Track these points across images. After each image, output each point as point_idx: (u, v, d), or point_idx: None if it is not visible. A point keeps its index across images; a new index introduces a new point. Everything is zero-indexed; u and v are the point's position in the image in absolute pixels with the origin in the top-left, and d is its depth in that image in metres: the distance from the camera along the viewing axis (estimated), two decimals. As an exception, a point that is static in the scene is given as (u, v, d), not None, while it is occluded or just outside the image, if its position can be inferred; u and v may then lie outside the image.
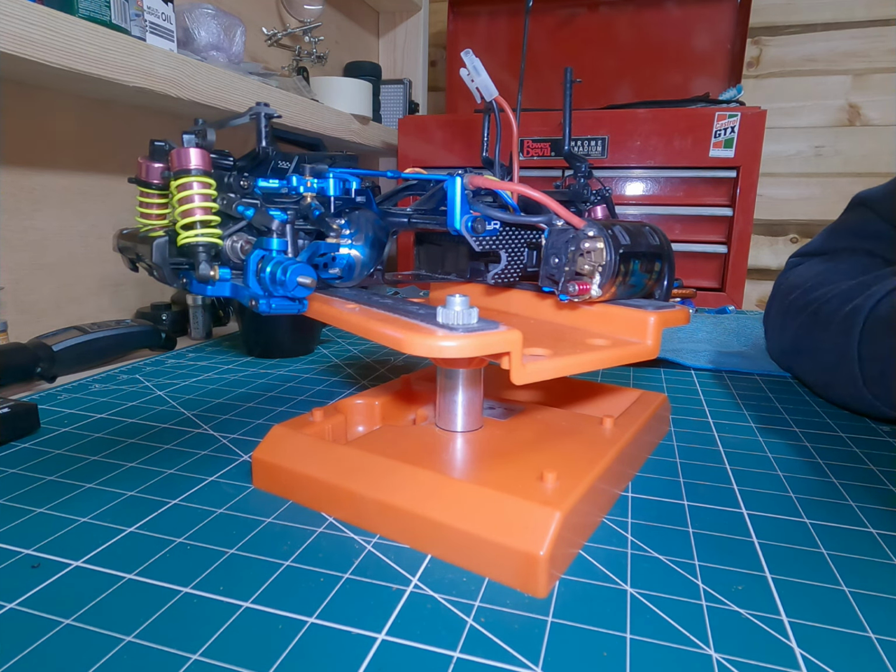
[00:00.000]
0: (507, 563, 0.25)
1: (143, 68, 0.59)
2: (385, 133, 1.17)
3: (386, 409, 0.39)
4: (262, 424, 0.43)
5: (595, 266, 0.30)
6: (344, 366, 0.60)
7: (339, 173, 0.35)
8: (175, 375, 0.55)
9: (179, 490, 0.33)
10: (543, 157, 0.98)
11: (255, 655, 0.21)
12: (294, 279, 0.28)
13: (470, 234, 0.31)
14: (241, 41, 0.78)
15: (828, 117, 1.29)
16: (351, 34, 1.30)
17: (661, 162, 0.94)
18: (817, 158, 1.31)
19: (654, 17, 1.22)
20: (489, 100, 0.38)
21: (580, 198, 0.42)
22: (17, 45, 0.47)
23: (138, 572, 0.25)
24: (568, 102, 0.43)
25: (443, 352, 0.24)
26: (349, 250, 0.37)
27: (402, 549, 0.28)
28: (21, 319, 0.62)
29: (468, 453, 0.32)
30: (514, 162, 0.36)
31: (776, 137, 1.30)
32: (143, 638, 0.21)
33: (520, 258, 0.35)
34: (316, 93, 0.98)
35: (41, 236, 0.65)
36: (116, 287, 0.74)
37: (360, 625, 0.22)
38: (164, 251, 0.30)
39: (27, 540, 0.28)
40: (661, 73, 1.22)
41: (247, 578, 0.25)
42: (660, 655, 0.21)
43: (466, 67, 0.37)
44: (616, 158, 0.96)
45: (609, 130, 0.95)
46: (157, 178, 0.33)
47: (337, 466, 0.30)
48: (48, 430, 0.41)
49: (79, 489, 0.33)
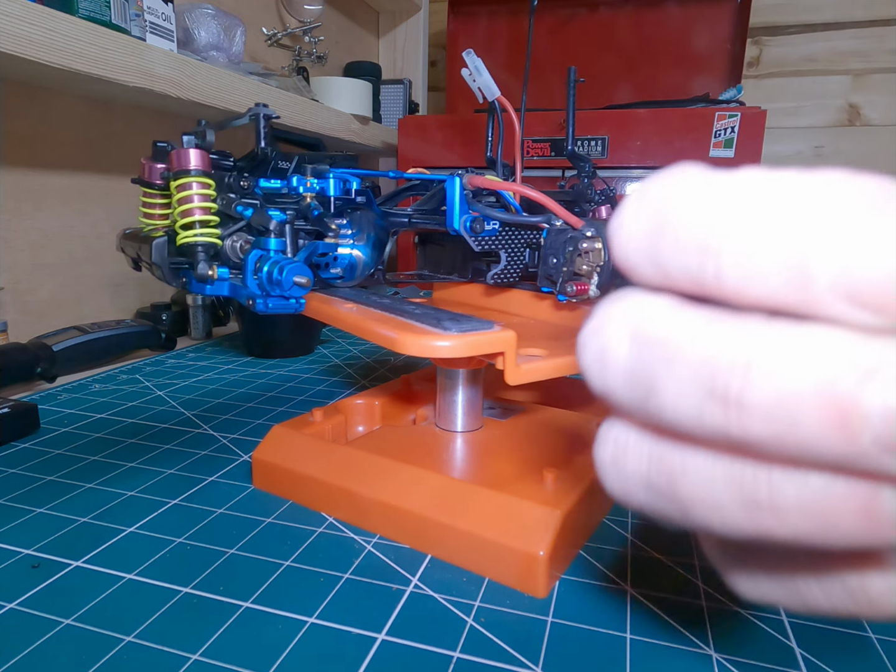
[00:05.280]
0: (507, 563, 0.25)
1: (143, 68, 0.59)
2: (385, 133, 1.17)
3: (386, 409, 0.39)
4: (262, 424, 0.43)
5: (593, 266, 0.30)
6: (344, 366, 0.60)
7: (340, 173, 0.35)
8: (175, 375, 0.55)
9: (179, 490, 0.33)
10: (544, 157, 0.98)
11: (255, 655, 0.21)
12: (290, 279, 0.28)
13: (469, 234, 0.31)
14: (241, 41, 0.78)
15: (828, 117, 1.29)
16: (351, 34, 1.30)
17: (662, 162, 0.94)
18: (817, 158, 1.31)
19: (654, 17, 1.22)
20: (491, 100, 0.38)
21: (584, 198, 0.42)
22: (17, 45, 0.47)
23: (138, 572, 0.25)
24: (571, 102, 0.43)
25: (436, 351, 0.24)
26: (351, 250, 0.37)
27: (402, 549, 0.28)
28: (21, 319, 0.62)
29: (468, 453, 0.32)
30: (518, 162, 0.36)
31: (776, 137, 1.30)
32: (143, 638, 0.21)
33: (520, 258, 0.35)
34: (316, 93, 0.98)
35: (41, 236, 0.65)
36: (116, 287, 0.74)
37: (360, 625, 0.22)
38: (164, 251, 0.30)
39: (27, 540, 0.28)
40: (661, 73, 1.22)
41: (247, 578, 0.25)
42: (660, 655, 0.21)
43: (468, 67, 0.37)
44: (616, 158, 0.95)
45: (609, 130, 0.95)
46: (160, 178, 0.33)
47: (337, 466, 0.30)
48: (48, 430, 0.41)
49: (79, 489, 0.33)
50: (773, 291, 0.10)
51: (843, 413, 0.10)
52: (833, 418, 0.10)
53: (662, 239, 0.11)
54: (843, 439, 0.10)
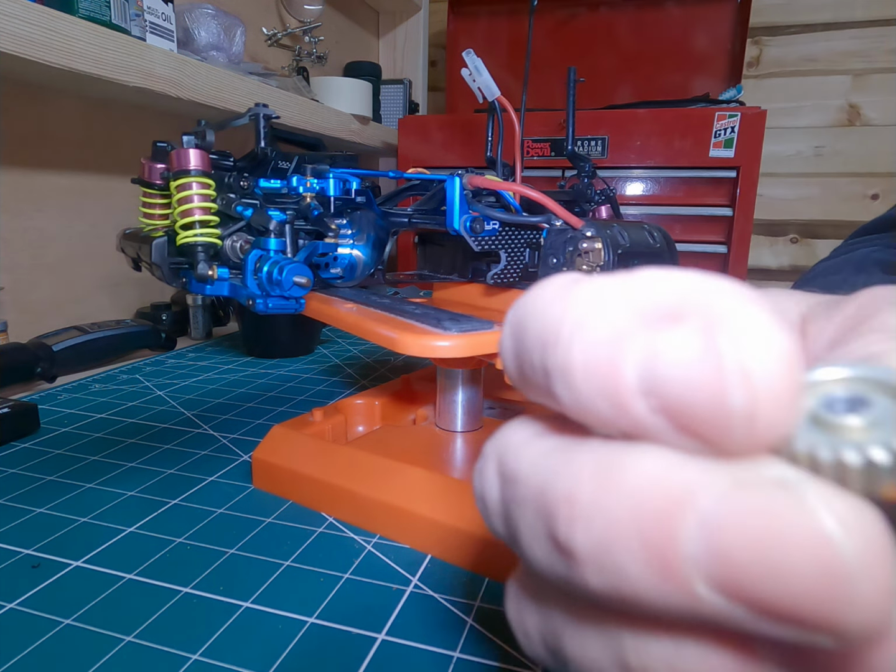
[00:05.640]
0: (507, 563, 0.25)
1: (143, 68, 0.59)
2: (385, 133, 1.17)
3: (386, 409, 0.39)
4: (262, 424, 0.43)
5: (593, 266, 0.30)
6: (344, 366, 0.60)
7: (340, 173, 0.35)
8: (175, 375, 0.55)
9: (179, 490, 0.33)
10: (543, 157, 0.98)
11: (255, 655, 0.21)
12: (290, 279, 0.28)
13: (468, 234, 0.31)
14: (241, 41, 0.78)
15: (828, 117, 1.29)
16: (351, 34, 1.30)
17: (661, 162, 0.94)
18: (817, 158, 1.31)
19: (654, 17, 1.22)
20: (491, 99, 0.38)
21: (584, 198, 0.42)
22: (17, 45, 0.47)
23: (138, 572, 0.25)
24: (571, 102, 0.43)
25: (436, 351, 0.24)
26: (351, 250, 0.37)
27: (402, 549, 0.28)
28: (21, 319, 0.62)
29: (468, 453, 0.32)
30: (518, 162, 0.36)
31: (776, 137, 1.30)
32: (143, 638, 0.21)
33: (520, 258, 0.35)
34: (316, 93, 0.98)
35: (41, 236, 0.65)
36: (116, 287, 0.74)
37: (360, 625, 0.22)
38: (164, 251, 0.30)
39: (27, 540, 0.28)
40: (661, 73, 1.22)
41: (247, 578, 0.25)
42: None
43: (468, 67, 0.37)
44: (616, 158, 0.95)
45: (609, 130, 0.95)
46: (160, 178, 0.33)
47: (337, 466, 0.30)
48: (48, 430, 0.41)
49: (79, 489, 0.33)
50: (603, 420, 0.09)
51: (662, 554, 0.08)
52: (655, 562, 0.08)
53: (521, 357, 0.10)
54: (673, 587, 0.08)
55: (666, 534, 0.08)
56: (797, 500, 0.07)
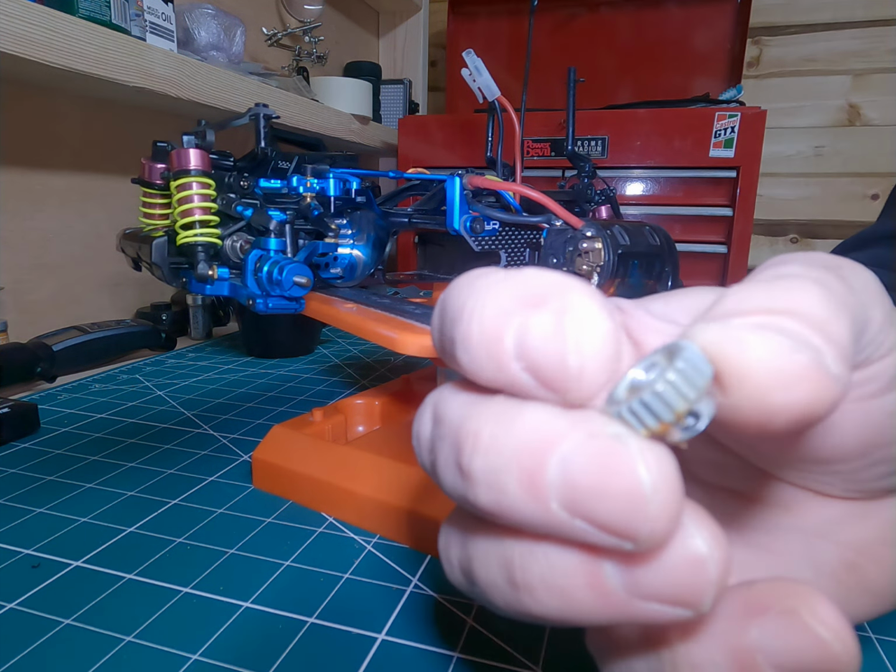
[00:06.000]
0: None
1: (143, 68, 0.59)
2: (385, 133, 1.17)
3: (386, 409, 0.39)
4: (262, 424, 0.43)
5: (593, 266, 0.30)
6: (344, 366, 0.60)
7: (340, 173, 0.35)
8: (175, 375, 0.55)
9: (179, 490, 0.33)
10: (543, 157, 0.98)
11: (255, 655, 0.21)
12: (290, 279, 0.28)
13: (468, 234, 0.31)
14: (241, 41, 0.78)
15: (828, 117, 1.29)
16: (351, 34, 1.30)
17: (661, 162, 0.94)
18: (817, 158, 1.31)
19: (654, 17, 1.22)
20: (491, 99, 0.38)
21: (584, 198, 0.42)
22: (17, 45, 0.47)
23: (138, 572, 0.25)
24: (571, 102, 0.43)
25: (436, 351, 0.24)
26: (351, 250, 0.37)
27: (402, 549, 0.28)
28: (21, 319, 0.62)
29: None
30: (518, 162, 0.36)
31: (776, 137, 1.30)
32: (143, 638, 0.21)
33: (520, 258, 0.35)
34: (316, 93, 0.98)
35: (41, 236, 0.65)
36: (116, 287, 0.74)
37: (360, 625, 0.22)
38: (164, 251, 0.30)
39: (27, 540, 0.28)
40: (661, 73, 1.22)
41: (247, 578, 0.25)
42: (660, 655, 0.21)
43: (468, 67, 0.37)
44: (616, 158, 0.95)
45: (609, 130, 0.95)
46: (160, 178, 0.33)
47: (337, 466, 0.30)
48: (48, 430, 0.41)
49: (79, 489, 0.33)
50: (490, 377, 0.12)
51: (533, 479, 0.11)
52: (527, 484, 0.11)
53: (441, 330, 0.13)
54: (537, 504, 0.11)
55: (537, 464, 0.11)
56: (623, 448, 0.10)
